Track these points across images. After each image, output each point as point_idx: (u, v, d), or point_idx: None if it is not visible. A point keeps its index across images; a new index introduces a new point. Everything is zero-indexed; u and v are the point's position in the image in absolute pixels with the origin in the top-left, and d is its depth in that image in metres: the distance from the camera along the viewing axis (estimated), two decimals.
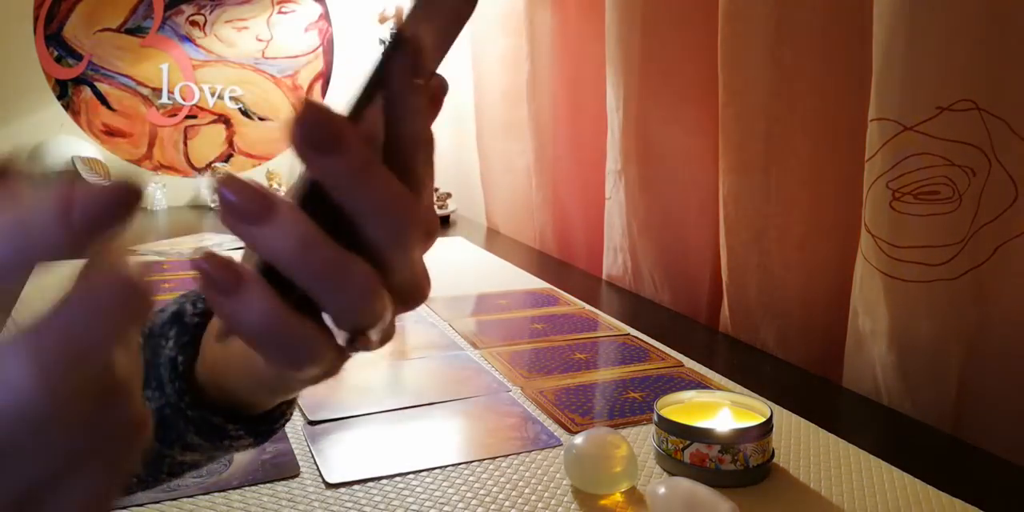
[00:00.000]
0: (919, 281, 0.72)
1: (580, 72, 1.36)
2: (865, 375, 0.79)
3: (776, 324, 0.93)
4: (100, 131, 1.79)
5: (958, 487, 0.59)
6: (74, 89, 1.76)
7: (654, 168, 1.12)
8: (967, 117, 0.68)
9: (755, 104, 0.88)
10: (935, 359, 0.73)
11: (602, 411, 0.73)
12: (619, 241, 1.21)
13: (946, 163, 0.69)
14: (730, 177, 0.94)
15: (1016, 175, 0.69)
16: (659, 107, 1.10)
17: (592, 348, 0.90)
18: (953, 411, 0.73)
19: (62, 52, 1.74)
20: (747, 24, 0.87)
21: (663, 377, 0.81)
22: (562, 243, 1.45)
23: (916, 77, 0.68)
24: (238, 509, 0.57)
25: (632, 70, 1.10)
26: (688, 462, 0.60)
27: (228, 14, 1.83)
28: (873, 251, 0.74)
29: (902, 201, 0.71)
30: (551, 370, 0.83)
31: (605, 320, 1.00)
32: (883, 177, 0.72)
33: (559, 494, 0.59)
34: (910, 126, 0.69)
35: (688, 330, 1.01)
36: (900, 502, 0.58)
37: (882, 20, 0.70)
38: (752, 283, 0.94)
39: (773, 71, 0.86)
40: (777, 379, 0.83)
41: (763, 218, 0.91)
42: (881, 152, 0.72)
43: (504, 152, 1.59)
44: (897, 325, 0.74)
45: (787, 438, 0.68)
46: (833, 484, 0.61)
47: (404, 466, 0.62)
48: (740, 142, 0.91)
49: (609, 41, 1.14)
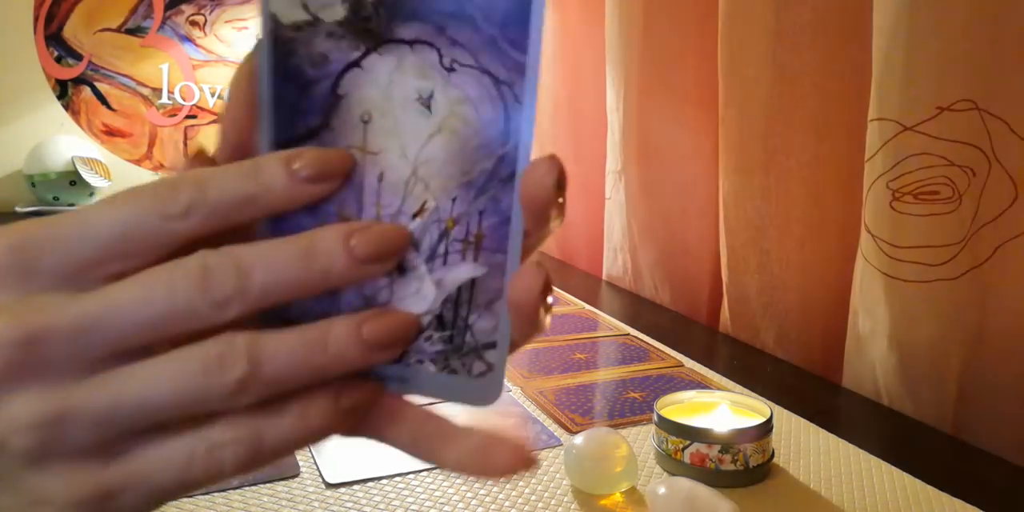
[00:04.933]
0: (919, 281, 0.72)
1: (580, 72, 1.36)
2: (865, 375, 0.79)
3: (776, 324, 0.93)
4: (100, 131, 1.79)
5: (958, 487, 0.59)
6: (74, 89, 1.76)
7: (654, 168, 1.12)
8: (967, 117, 0.68)
9: (755, 104, 0.88)
10: (935, 359, 0.73)
11: (602, 411, 0.73)
12: (619, 241, 1.21)
13: (946, 163, 0.69)
14: (730, 177, 0.94)
15: (1016, 175, 0.69)
16: (659, 107, 1.10)
17: (592, 348, 0.90)
18: (953, 411, 0.73)
19: (62, 52, 1.74)
20: (747, 24, 0.87)
21: (663, 377, 0.81)
22: (562, 243, 1.45)
23: (916, 77, 0.68)
24: (238, 509, 0.57)
25: (632, 70, 1.10)
26: (688, 462, 0.60)
27: (228, 14, 1.83)
28: (873, 251, 0.74)
29: (902, 201, 0.71)
30: (551, 370, 0.83)
31: (605, 320, 1.00)
32: (883, 177, 0.72)
33: (559, 494, 0.59)
34: (910, 126, 0.69)
35: (688, 330, 1.01)
36: (900, 502, 0.58)
37: (882, 20, 0.69)
38: (752, 283, 0.94)
39: (773, 71, 0.86)
40: (777, 379, 0.83)
41: (763, 218, 0.91)
42: (881, 152, 0.72)
43: None
44: (897, 325, 0.74)
45: (787, 438, 0.68)
46: (833, 484, 0.61)
47: (404, 466, 0.62)
48: (740, 142, 0.91)
49: (609, 41, 1.14)
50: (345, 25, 0.23)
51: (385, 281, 0.24)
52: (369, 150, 0.24)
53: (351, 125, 0.24)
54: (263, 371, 0.22)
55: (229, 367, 0.21)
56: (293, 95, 0.24)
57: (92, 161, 1.67)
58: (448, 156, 0.24)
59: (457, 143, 0.24)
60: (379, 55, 0.24)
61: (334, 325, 0.23)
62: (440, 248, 0.24)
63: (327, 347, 0.22)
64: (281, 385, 0.22)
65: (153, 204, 0.22)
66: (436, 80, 0.24)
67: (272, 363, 0.22)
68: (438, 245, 0.24)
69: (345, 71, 0.24)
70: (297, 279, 0.22)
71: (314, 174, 0.23)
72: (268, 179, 0.23)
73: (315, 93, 0.24)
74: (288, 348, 0.22)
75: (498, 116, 0.24)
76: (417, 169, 0.24)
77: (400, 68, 0.24)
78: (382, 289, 0.24)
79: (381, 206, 0.24)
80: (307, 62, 0.24)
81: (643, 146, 1.12)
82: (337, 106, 0.24)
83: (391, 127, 0.24)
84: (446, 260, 0.24)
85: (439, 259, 0.24)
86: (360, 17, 0.23)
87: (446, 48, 0.23)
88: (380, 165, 0.24)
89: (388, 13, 0.23)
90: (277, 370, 0.22)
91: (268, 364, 0.22)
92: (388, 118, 0.24)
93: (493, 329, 0.25)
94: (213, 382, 0.21)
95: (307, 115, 0.24)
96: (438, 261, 0.24)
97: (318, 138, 0.24)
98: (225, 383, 0.21)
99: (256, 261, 0.22)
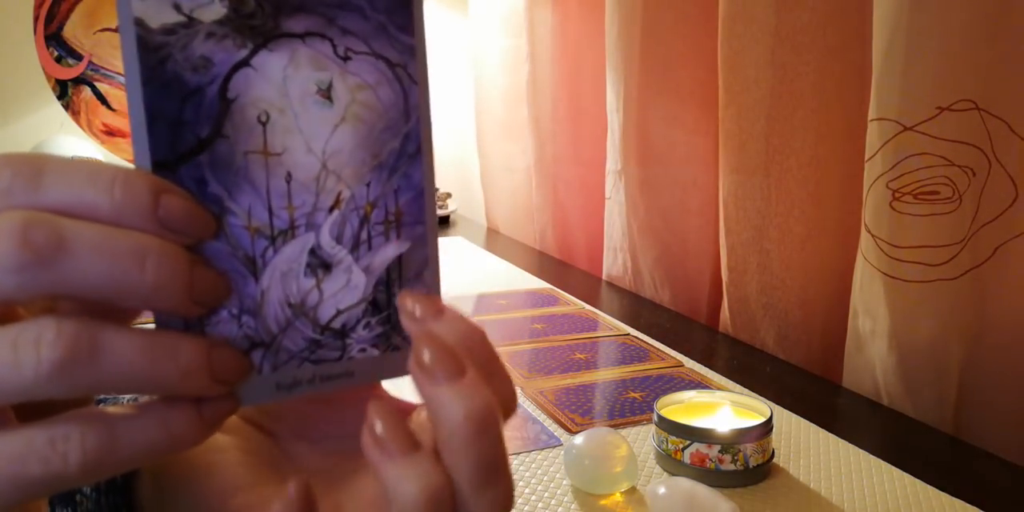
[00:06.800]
0: (919, 281, 0.72)
1: (580, 72, 1.36)
2: (865, 375, 0.79)
3: (776, 324, 0.93)
4: (100, 131, 1.79)
5: (958, 487, 0.59)
6: (74, 89, 1.76)
7: (654, 168, 1.12)
8: (967, 117, 0.68)
9: (755, 104, 0.88)
10: (935, 359, 0.73)
11: (602, 411, 0.73)
12: (619, 241, 1.21)
13: (946, 163, 0.69)
14: (730, 177, 0.94)
15: (1016, 175, 0.69)
16: (659, 107, 1.10)
17: (592, 348, 0.90)
18: (953, 411, 0.73)
19: (62, 52, 1.74)
20: (747, 24, 0.87)
21: (663, 377, 0.81)
22: (562, 243, 1.45)
23: (916, 77, 0.68)
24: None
25: (632, 70, 1.10)
26: (688, 462, 0.60)
27: None
28: (873, 251, 0.74)
29: (902, 201, 0.71)
30: (551, 370, 0.83)
31: (605, 320, 1.00)
32: (883, 177, 0.72)
33: (559, 494, 0.59)
34: (910, 126, 0.69)
35: (688, 330, 1.01)
36: (900, 502, 0.58)
37: (882, 20, 0.70)
38: (752, 283, 0.94)
39: (773, 71, 0.86)
40: (777, 379, 0.83)
41: (763, 218, 0.91)
42: (881, 152, 0.72)
43: (504, 152, 1.59)
44: (897, 325, 0.74)
45: (787, 438, 0.68)
46: (833, 484, 0.61)
47: None
48: (740, 142, 0.91)
49: (609, 41, 1.14)
50: (227, 23, 0.22)
51: (310, 283, 0.24)
52: (271, 152, 0.23)
53: (247, 129, 0.22)
54: (101, 361, 0.20)
55: (47, 346, 0.19)
56: (172, 107, 0.22)
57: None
58: (357, 143, 0.24)
59: (364, 129, 0.24)
60: (269, 51, 0.23)
61: (185, 338, 0.22)
62: (363, 234, 0.24)
63: (177, 358, 0.21)
64: (119, 381, 0.20)
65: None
66: (333, 70, 0.23)
67: (111, 356, 0.20)
68: (360, 232, 0.24)
69: (232, 72, 0.22)
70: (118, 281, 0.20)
71: (180, 223, 0.21)
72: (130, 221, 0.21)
73: (200, 101, 0.22)
74: (132, 346, 0.20)
75: (399, 97, 0.25)
76: (326, 162, 0.24)
77: (294, 62, 0.23)
78: (310, 292, 0.24)
79: (294, 207, 0.23)
80: (185, 68, 0.21)
81: (643, 146, 1.12)
82: (228, 111, 0.22)
83: (291, 124, 0.23)
84: (371, 245, 0.25)
85: (363, 246, 0.25)
86: (243, 14, 0.22)
87: (338, 38, 0.23)
88: (286, 165, 0.23)
89: (273, 8, 0.22)
90: (118, 364, 0.20)
91: (107, 356, 0.20)
92: (287, 115, 0.23)
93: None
94: (23, 358, 0.19)
95: (193, 126, 0.22)
96: (363, 248, 0.25)
97: (211, 149, 0.22)
98: (38, 362, 0.19)
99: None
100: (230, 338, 0.23)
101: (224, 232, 0.23)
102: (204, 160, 0.22)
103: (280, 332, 0.24)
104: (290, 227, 0.23)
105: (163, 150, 0.22)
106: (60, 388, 0.20)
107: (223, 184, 0.22)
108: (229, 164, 0.22)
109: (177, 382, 0.21)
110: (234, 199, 0.23)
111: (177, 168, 0.22)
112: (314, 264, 0.24)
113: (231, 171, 0.22)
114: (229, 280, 0.23)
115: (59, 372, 0.19)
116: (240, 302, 0.23)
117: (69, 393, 0.20)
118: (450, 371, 0.23)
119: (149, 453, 0.21)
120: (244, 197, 0.23)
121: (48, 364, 0.19)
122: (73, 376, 0.20)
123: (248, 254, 0.23)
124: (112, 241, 0.20)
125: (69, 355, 0.19)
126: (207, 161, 0.22)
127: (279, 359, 0.24)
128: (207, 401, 0.22)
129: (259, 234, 0.23)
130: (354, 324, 0.25)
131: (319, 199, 0.24)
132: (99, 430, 0.20)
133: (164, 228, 0.21)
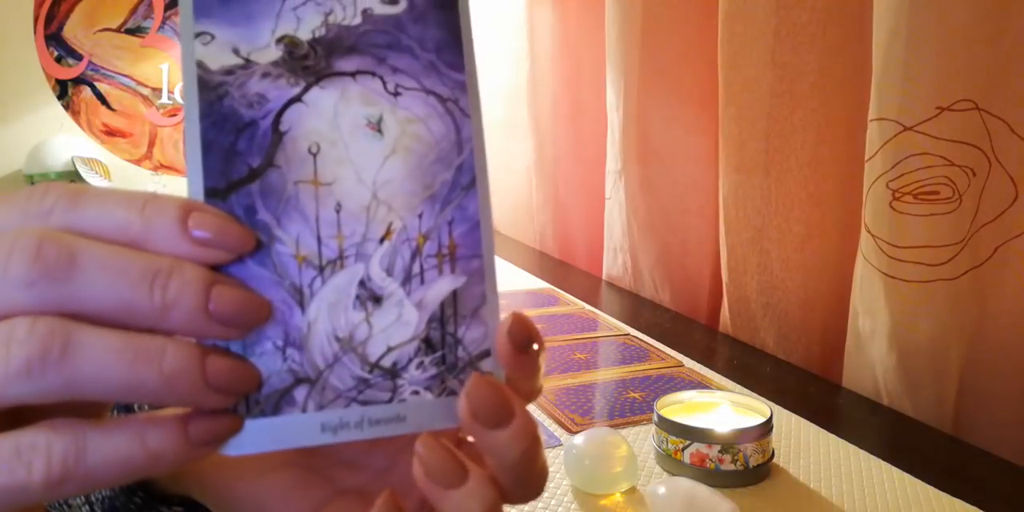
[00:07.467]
0: (919, 281, 0.72)
1: (580, 72, 1.36)
2: (865, 375, 0.79)
3: (776, 324, 0.93)
4: (100, 131, 1.79)
5: (958, 487, 0.59)
6: (74, 89, 1.76)
7: (654, 168, 1.12)
8: (967, 117, 0.68)
9: (755, 104, 0.88)
10: (935, 359, 0.73)
11: (602, 411, 0.73)
12: (619, 241, 1.21)
13: (946, 163, 0.69)
14: (730, 177, 0.94)
15: (1016, 175, 0.69)
16: (659, 107, 1.10)
17: (592, 348, 0.90)
18: (953, 411, 0.73)
19: (62, 52, 1.74)
20: (747, 24, 0.87)
21: (663, 377, 0.81)
22: (562, 243, 1.45)
23: (916, 77, 0.68)
24: None
25: (632, 70, 1.10)
26: (688, 462, 0.60)
27: None
28: (873, 251, 0.74)
29: (902, 201, 0.71)
30: (551, 370, 0.83)
31: (605, 320, 1.00)
32: (883, 177, 0.72)
33: (559, 494, 0.59)
34: (910, 126, 0.69)
35: (688, 330, 1.01)
36: (900, 502, 0.58)
37: (882, 20, 0.70)
38: (752, 283, 0.94)
39: (773, 71, 0.86)
40: (777, 379, 0.83)
41: (763, 218, 0.91)
42: (881, 152, 0.72)
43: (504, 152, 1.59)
44: (897, 325, 0.74)
45: (787, 438, 0.68)
46: (833, 484, 0.61)
47: None
48: (740, 142, 0.91)
49: (609, 41, 1.14)
50: (281, 64, 0.23)
51: (359, 316, 0.23)
52: (322, 181, 0.23)
53: (298, 159, 0.23)
54: (73, 361, 0.19)
55: (17, 344, 0.19)
56: (227, 138, 0.22)
57: (92, 161, 1.67)
58: (407, 173, 0.24)
59: (414, 160, 0.24)
60: (321, 89, 0.23)
61: (172, 342, 0.20)
62: (414, 267, 0.24)
63: (162, 362, 0.20)
64: (93, 384, 0.19)
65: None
66: (383, 105, 0.24)
67: (84, 356, 0.19)
68: (412, 265, 0.24)
69: (285, 107, 0.23)
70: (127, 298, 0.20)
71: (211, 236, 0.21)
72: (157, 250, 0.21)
73: (253, 133, 0.23)
74: (107, 347, 0.19)
75: (450, 130, 0.24)
76: (377, 192, 0.23)
77: (344, 98, 0.23)
78: (358, 326, 0.23)
79: (343, 237, 0.23)
80: (241, 104, 0.23)
81: (643, 146, 1.12)
82: (280, 142, 0.23)
83: (342, 155, 0.23)
84: (423, 278, 0.24)
85: (415, 279, 0.24)
86: (296, 56, 0.23)
87: (388, 75, 0.24)
88: (336, 195, 0.23)
89: (325, 50, 0.23)
90: (91, 365, 0.19)
91: (80, 356, 0.19)
92: (338, 147, 0.23)
93: (484, 337, 0.24)
94: None
95: (246, 156, 0.22)
96: (415, 281, 0.24)
97: (262, 178, 0.23)
98: (7, 360, 0.19)
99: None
100: (274, 372, 0.22)
101: (271, 260, 0.22)
102: (255, 189, 0.22)
103: (327, 368, 0.23)
104: (339, 257, 0.23)
105: (215, 178, 0.22)
106: (30, 389, 0.19)
107: (272, 212, 0.23)
108: (279, 193, 0.23)
109: (160, 388, 0.20)
110: (283, 227, 0.23)
111: (228, 196, 0.22)
112: (363, 296, 0.23)
113: (281, 200, 0.23)
114: (261, 300, 0.22)
115: (28, 371, 0.19)
116: (285, 333, 0.22)
117: (41, 395, 0.19)
118: (501, 417, 0.24)
119: (123, 470, 0.20)
120: (293, 225, 0.23)
121: (16, 362, 0.19)
122: (44, 376, 0.19)
123: (295, 283, 0.23)
124: (122, 260, 0.20)
125: (39, 354, 0.19)
126: (258, 190, 0.22)
127: (325, 397, 0.23)
128: (197, 418, 0.21)
129: (307, 263, 0.23)
130: (406, 363, 0.24)
131: (369, 229, 0.23)
132: (67, 441, 0.19)
133: (197, 245, 0.21)
